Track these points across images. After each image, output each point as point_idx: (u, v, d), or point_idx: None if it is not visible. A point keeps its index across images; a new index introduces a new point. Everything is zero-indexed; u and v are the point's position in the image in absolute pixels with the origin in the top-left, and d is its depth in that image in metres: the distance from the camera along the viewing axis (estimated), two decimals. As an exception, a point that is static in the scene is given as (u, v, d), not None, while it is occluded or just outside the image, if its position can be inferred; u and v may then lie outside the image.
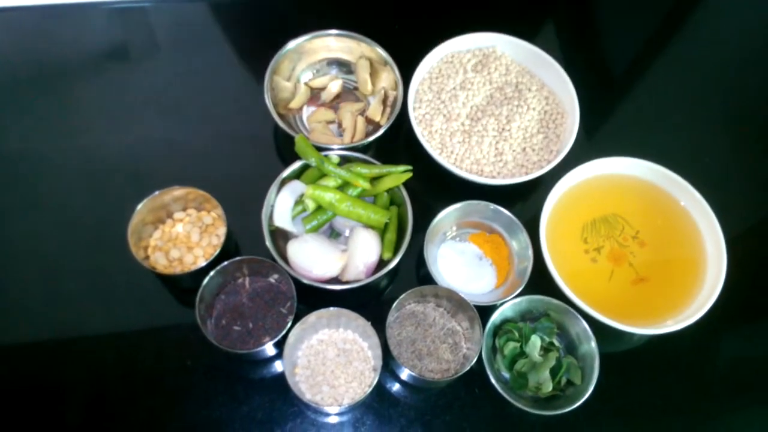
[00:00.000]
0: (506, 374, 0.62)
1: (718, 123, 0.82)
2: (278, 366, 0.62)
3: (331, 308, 0.59)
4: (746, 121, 0.82)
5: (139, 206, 0.61)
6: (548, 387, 0.59)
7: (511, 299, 0.61)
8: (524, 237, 0.65)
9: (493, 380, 0.58)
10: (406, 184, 0.65)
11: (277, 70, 0.72)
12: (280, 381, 0.59)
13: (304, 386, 0.59)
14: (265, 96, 0.69)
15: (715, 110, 0.83)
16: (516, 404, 0.57)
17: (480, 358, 0.58)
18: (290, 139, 0.66)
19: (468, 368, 0.58)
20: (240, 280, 0.63)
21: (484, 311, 0.60)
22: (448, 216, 0.66)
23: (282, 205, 0.64)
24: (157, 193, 0.62)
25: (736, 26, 0.89)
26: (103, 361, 0.62)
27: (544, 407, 0.59)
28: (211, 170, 0.70)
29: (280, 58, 0.72)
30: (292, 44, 0.73)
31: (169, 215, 0.66)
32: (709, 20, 0.89)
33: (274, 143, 0.74)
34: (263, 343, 0.57)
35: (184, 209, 0.66)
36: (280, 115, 0.69)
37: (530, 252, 0.64)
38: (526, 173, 0.68)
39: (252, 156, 0.73)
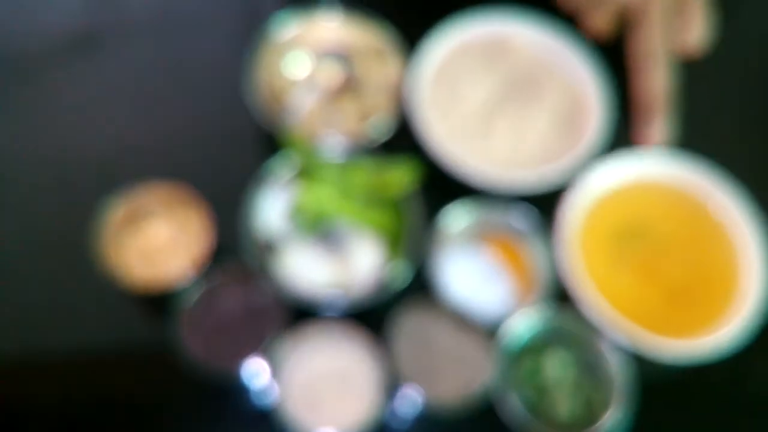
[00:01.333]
0: (523, 397, 0.57)
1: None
2: (270, 390, 0.57)
3: (329, 324, 0.56)
4: None
5: (112, 208, 0.57)
6: (567, 410, 0.56)
7: (527, 313, 0.58)
8: (544, 244, 0.61)
9: (508, 406, 0.54)
10: (412, 184, 0.62)
11: (268, 59, 0.68)
12: (272, 407, 0.55)
13: (299, 412, 0.54)
14: (255, 88, 0.66)
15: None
16: (532, 430, 0.53)
17: (494, 382, 0.55)
18: (283, 136, 0.63)
19: (481, 390, 0.54)
20: (226, 293, 0.59)
21: (498, 326, 0.57)
22: (458, 219, 0.62)
23: (273, 209, 0.61)
24: (132, 193, 0.58)
25: None
26: (70, 381, 0.58)
27: (565, 435, 0.55)
28: (194, 169, 0.66)
29: (273, 46, 0.69)
30: (285, 30, 0.69)
31: (146, 219, 0.61)
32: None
33: (265, 140, 0.69)
34: (252, 364, 0.54)
35: (164, 213, 0.62)
36: (272, 110, 0.66)
37: (550, 261, 0.60)
38: (545, 174, 0.64)
39: (240, 155, 0.69)
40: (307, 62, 0.72)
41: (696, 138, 0.70)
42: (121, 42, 0.74)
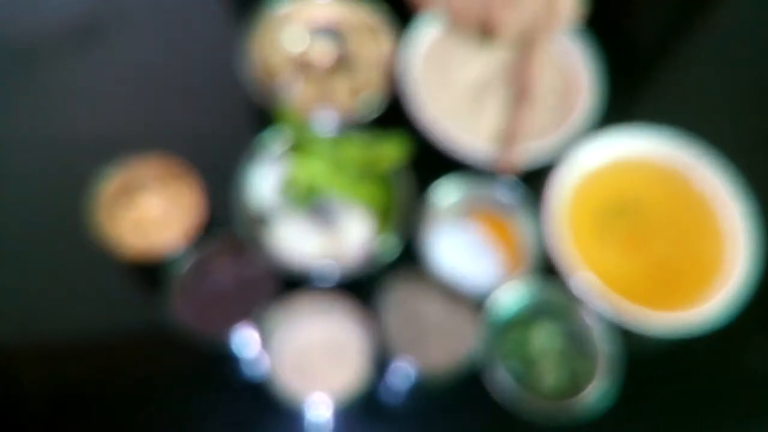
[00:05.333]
0: (511, 372, 0.58)
1: (760, 101, 0.76)
2: (261, 359, 0.58)
3: (320, 295, 0.56)
4: None
5: (108, 181, 0.57)
6: (553, 380, 0.56)
7: (514, 286, 0.58)
8: (533, 219, 0.61)
9: (496, 378, 0.55)
10: (402, 159, 0.62)
11: (262, 37, 0.68)
12: (263, 376, 0.55)
13: (290, 382, 0.54)
14: (249, 66, 0.66)
15: (758, 87, 0.77)
16: (521, 405, 0.54)
17: (482, 354, 0.55)
18: (276, 111, 0.63)
19: (469, 364, 0.55)
20: (219, 264, 0.59)
21: (486, 298, 0.57)
22: (448, 194, 0.62)
23: (267, 183, 0.61)
24: (127, 166, 0.58)
25: None
26: (68, 351, 0.58)
27: (552, 408, 0.55)
28: (189, 144, 0.65)
29: (267, 25, 0.69)
30: (279, 9, 0.69)
31: (141, 193, 0.62)
32: None
33: (259, 117, 0.69)
34: (244, 333, 0.54)
35: (158, 186, 0.62)
36: (266, 86, 0.66)
37: (538, 236, 0.61)
38: (534, 149, 0.64)
39: (233, 130, 0.69)
40: (300, 39, 0.72)
41: (684, 116, 0.70)
42: (119, 23, 0.74)
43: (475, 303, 0.57)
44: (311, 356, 0.56)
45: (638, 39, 0.80)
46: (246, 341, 0.55)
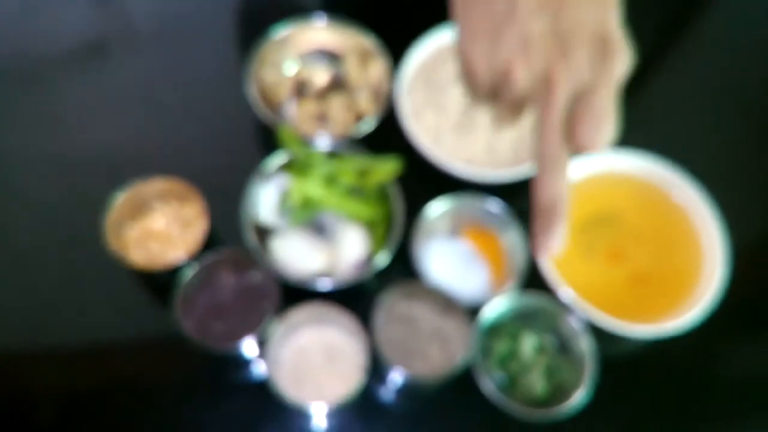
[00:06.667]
0: (497, 376, 0.60)
1: (731, 122, 0.80)
2: (261, 366, 0.60)
3: (317, 305, 0.57)
4: (763, 121, 0.80)
5: (117, 199, 0.59)
6: (541, 388, 0.58)
7: (503, 298, 0.60)
8: (518, 234, 0.64)
9: (483, 382, 0.56)
10: (396, 178, 0.64)
11: (262, 60, 0.71)
12: (264, 382, 0.57)
13: (288, 386, 0.56)
14: (250, 87, 0.68)
15: (729, 108, 0.80)
16: (507, 407, 0.56)
17: (470, 359, 0.57)
18: (276, 132, 0.65)
19: (458, 369, 0.56)
20: (222, 277, 0.61)
21: (476, 310, 0.59)
22: (439, 211, 0.64)
23: (266, 199, 0.63)
24: (136, 185, 0.60)
25: (754, 17, 0.87)
26: (76, 358, 0.60)
27: (537, 411, 0.57)
28: (193, 162, 0.68)
29: (266, 48, 0.71)
30: (278, 34, 0.71)
31: (149, 209, 0.64)
32: (726, 10, 0.87)
33: (259, 135, 0.72)
34: (245, 342, 0.56)
35: (164, 203, 0.64)
36: (266, 107, 0.68)
37: (524, 249, 0.62)
38: (520, 168, 0.67)
39: (236, 148, 0.71)
40: (298, 61, 0.75)
41: (658, 138, 0.72)
42: (126, 48, 0.77)
43: (465, 313, 0.58)
44: (309, 362, 0.58)
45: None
46: (247, 349, 0.57)
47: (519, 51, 0.37)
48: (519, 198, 0.69)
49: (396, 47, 0.72)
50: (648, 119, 0.78)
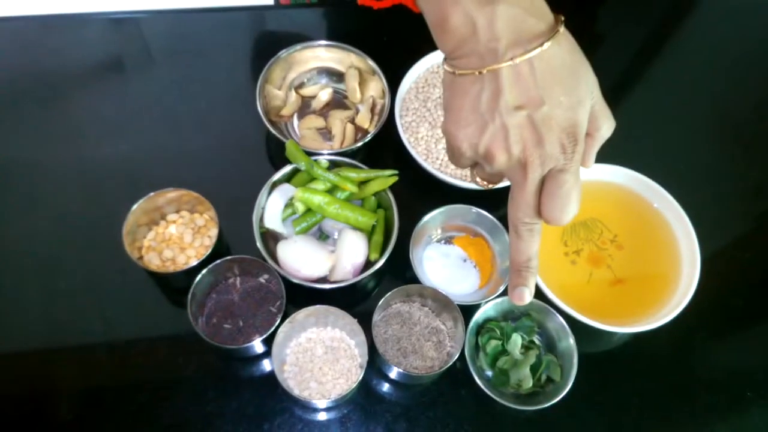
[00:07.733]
0: (488, 371, 0.63)
1: (697, 131, 0.84)
2: (267, 363, 0.63)
3: (320, 307, 0.60)
4: (726, 130, 0.84)
5: (134, 207, 0.62)
6: (529, 383, 0.61)
7: (493, 299, 0.63)
8: (506, 240, 0.66)
9: (475, 377, 0.59)
10: (392, 188, 0.67)
11: (268, 78, 0.74)
12: (270, 377, 0.61)
13: (292, 382, 0.60)
14: (257, 104, 0.71)
15: (695, 119, 0.85)
16: (498, 400, 0.59)
17: (463, 356, 0.60)
18: (281, 145, 0.68)
19: (451, 365, 0.59)
20: (231, 280, 0.65)
21: (468, 311, 0.62)
22: (433, 219, 0.67)
23: (273, 208, 0.66)
24: (151, 195, 0.63)
25: (726, 35, 0.92)
26: (97, 356, 0.63)
27: (525, 403, 0.61)
28: (204, 174, 0.71)
29: (272, 67, 0.74)
30: (283, 54, 0.75)
31: (163, 217, 0.67)
32: (698, 28, 0.92)
33: (266, 149, 0.76)
34: (253, 340, 0.59)
35: (178, 211, 0.68)
36: (272, 122, 0.71)
37: None
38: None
39: (244, 161, 0.75)
40: (303, 79, 0.78)
41: (639, 150, 0.78)
42: (143, 67, 0.80)
43: (458, 313, 0.61)
44: (312, 359, 0.61)
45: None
46: (255, 347, 0.60)
47: (500, 139, 0.42)
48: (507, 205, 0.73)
49: (392, 68, 0.75)
50: (628, 133, 0.81)
